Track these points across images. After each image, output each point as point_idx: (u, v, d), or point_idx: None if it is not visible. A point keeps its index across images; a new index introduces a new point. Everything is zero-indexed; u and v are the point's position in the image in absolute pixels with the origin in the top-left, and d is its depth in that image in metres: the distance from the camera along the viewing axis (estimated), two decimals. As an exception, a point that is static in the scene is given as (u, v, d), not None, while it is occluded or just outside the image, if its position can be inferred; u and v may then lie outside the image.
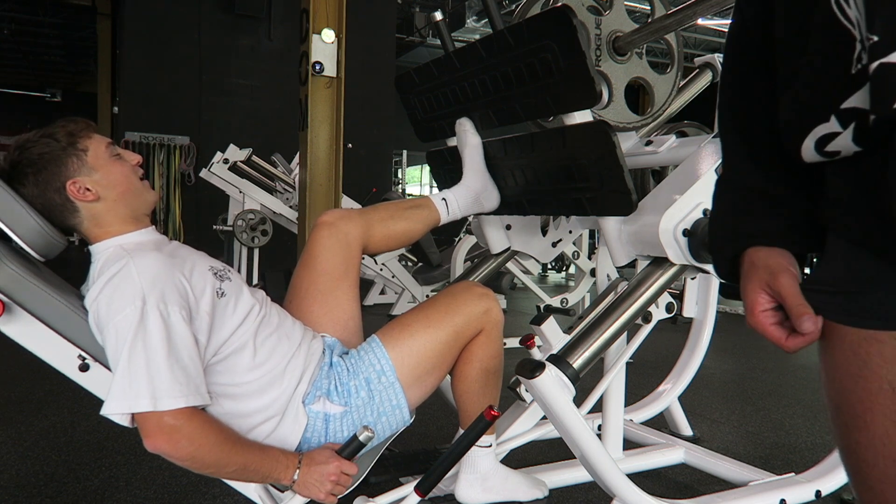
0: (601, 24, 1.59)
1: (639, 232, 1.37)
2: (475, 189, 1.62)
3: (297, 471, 1.20)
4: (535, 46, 1.35)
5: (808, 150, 0.59)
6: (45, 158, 1.20)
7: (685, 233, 1.32)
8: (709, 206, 1.34)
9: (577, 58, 1.28)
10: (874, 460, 0.57)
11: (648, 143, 1.84)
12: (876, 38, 0.49)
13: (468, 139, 1.62)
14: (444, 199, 1.59)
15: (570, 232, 1.98)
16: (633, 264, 1.48)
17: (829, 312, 0.60)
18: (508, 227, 1.85)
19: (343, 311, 1.45)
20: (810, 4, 0.57)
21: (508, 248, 1.86)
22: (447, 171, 1.84)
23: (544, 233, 1.93)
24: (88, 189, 1.22)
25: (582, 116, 1.39)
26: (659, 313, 1.51)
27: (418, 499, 1.25)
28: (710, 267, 1.37)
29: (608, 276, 1.83)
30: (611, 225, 1.42)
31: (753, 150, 0.70)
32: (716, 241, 0.74)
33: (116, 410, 1.08)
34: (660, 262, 1.39)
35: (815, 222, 0.65)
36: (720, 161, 0.79)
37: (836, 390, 0.61)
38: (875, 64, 0.49)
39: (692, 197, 1.33)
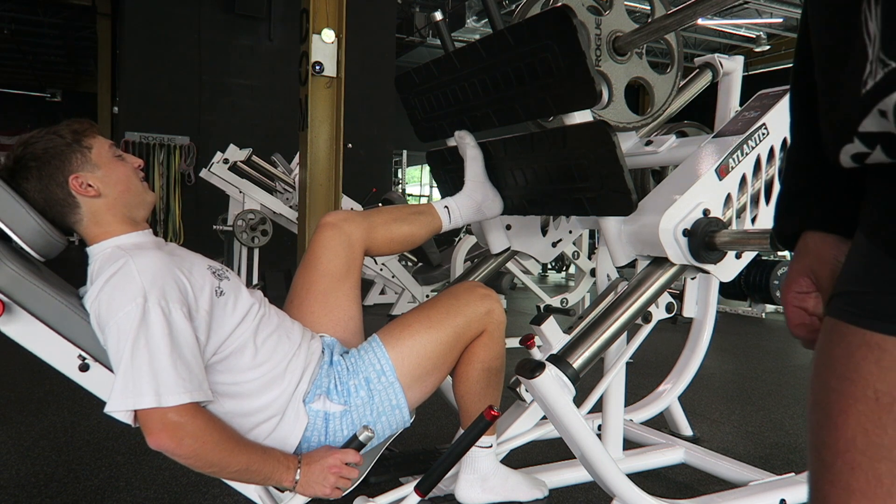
0: (601, 24, 1.59)
1: (639, 232, 1.37)
2: (477, 199, 1.63)
3: (298, 471, 1.21)
4: (535, 46, 1.35)
5: (846, 162, 0.58)
6: (49, 153, 1.21)
7: (685, 233, 1.32)
8: (708, 206, 1.34)
9: (578, 58, 1.28)
10: (832, 462, 0.57)
11: (648, 143, 1.84)
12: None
13: (468, 151, 1.64)
14: (446, 206, 1.60)
15: (570, 232, 1.98)
16: (633, 264, 1.48)
17: (837, 309, 0.60)
18: (508, 228, 1.85)
19: (343, 311, 1.45)
20: (842, 7, 0.55)
21: (508, 248, 1.86)
22: (447, 172, 1.84)
23: (544, 233, 1.93)
24: (90, 185, 1.22)
25: (582, 116, 1.39)
26: (659, 313, 1.51)
27: (418, 499, 1.25)
28: (709, 266, 1.37)
29: (608, 276, 1.83)
30: (611, 225, 1.42)
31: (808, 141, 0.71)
32: (781, 212, 0.75)
33: (120, 408, 1.08)
34: (660, 262, 1.39)
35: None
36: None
37: (820, 386, 0.60)
38: None
39: (692, 197, 1.33)
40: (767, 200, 1.44)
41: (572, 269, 9.16)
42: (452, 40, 1.69)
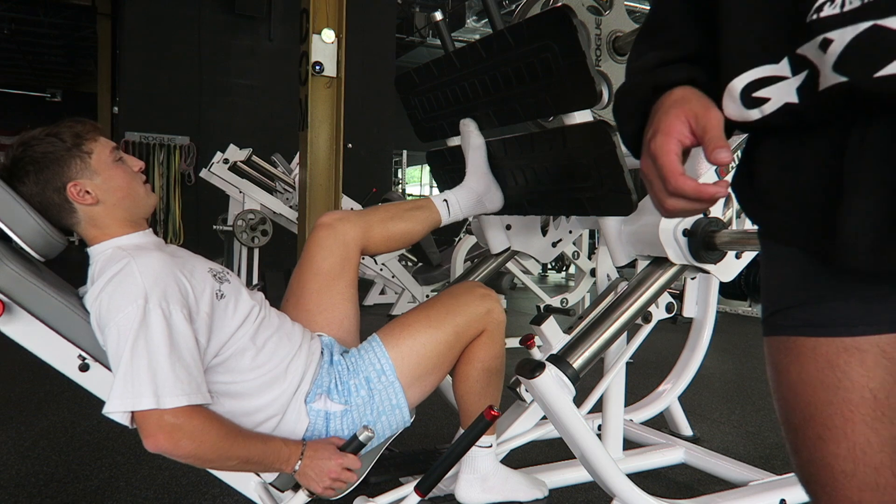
0: (601, 24, 1.59)
1: (639, 232, 1.37)
2: (477, 190, 1.61)
3: (300, 462, 1.21)
4: (536, 46, 1.35)
5: (733, 92, 0.56)
6: (48, 158, 1.19)
7: (685, 233, 1.32)
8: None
9: (578, 58, 1.28)
10: (853, 470, 0.57)
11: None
12: None
13: (472, 140, 1.61)
14: (445, 200, 1.58)
15: (570, 232, 1.98)
16: (633, 264, 1.48)
17: (792, 326, 0.60)
18: (508, 227, 1.85)
19: (338, 310, 1.45)
20: None
21: (508, 248, 1.86)
22: (447, 172, 1.84)
23: (544, 233, 1.93)
24: (88, 192, 1.22)
25: (582, 116, 1.39)
26: (659, 313, 1.51)
27: (418, 499, 1.25)
28: (709, 266, 1.37)
29: (608, 275, 1.83)
30: (611, 225, 1.42)
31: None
32: (628, 91, 0.66)
33: (118, 409, 1.07)
34: (660, 262, 1.39)
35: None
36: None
37: (805, 403, 0.59)
38: (867, 25, 0.46)
39: (692, 197, 1.33)
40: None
41: (572, 269, 9.16)
42: (452, 40, 1.68)
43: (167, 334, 1.10)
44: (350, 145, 5.13)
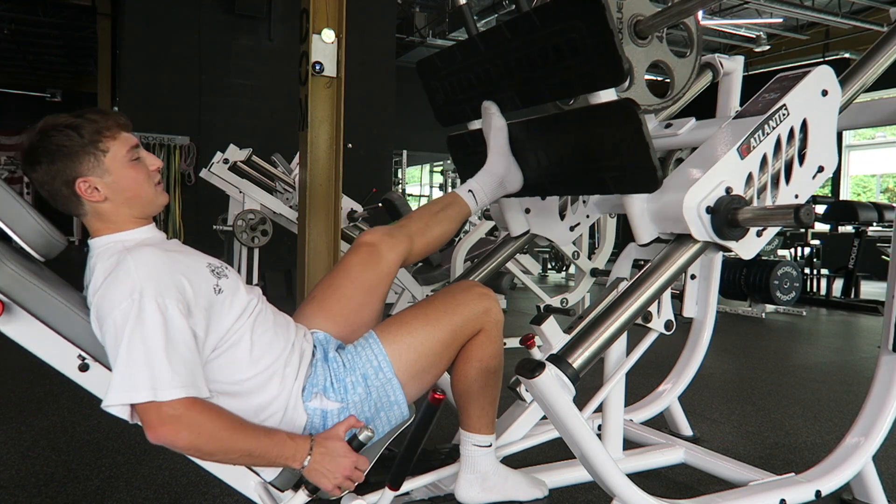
0: (623, 8, 1.60)
1: (662, 210, 1.38)
2: (499, 173, 1.63)
3: (309, 457, 1.20)
4: (563, 27, 1.37)
5: None
6: (62, 151, 1.20)
7: (708, 210, 1.34)
8: (731, 184, 1.35)
9: (605, 36, 1.29)
10: None
11: (668, 125, 1.84)
12: None
13: (494, 122, 1.64)
14: (470, 190, 1.62)
15: (588, 217, 2.00)
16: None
17: None
18: (528, 211, 1.87)
19: (361, 317, 1.46)
20: None
21: (528, 231, 1.88)
22: (468, 155, 1.85)
23: (562, 216, 1.95)
24: (97, 189, 1.22)
25: (607, 96, 1.40)
26: (662, 318, 1.51)
27: (393, 494, 1.25)
28: (731, 244, 1.37)
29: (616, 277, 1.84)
30: (635, 203, 1.42)
31: None
32: None
33: (117, 401, 1.08)
34: (682, 240, 1.39)
35: None
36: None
37: None
38: None
39: (715, 175, 1.35)
40: (788, 181, 1.45)
41: (572, 269, 9.15)
42: (476, 25, 1.70)
43: (163, 328, 1.10)
44: (350, 145, 5.12)
